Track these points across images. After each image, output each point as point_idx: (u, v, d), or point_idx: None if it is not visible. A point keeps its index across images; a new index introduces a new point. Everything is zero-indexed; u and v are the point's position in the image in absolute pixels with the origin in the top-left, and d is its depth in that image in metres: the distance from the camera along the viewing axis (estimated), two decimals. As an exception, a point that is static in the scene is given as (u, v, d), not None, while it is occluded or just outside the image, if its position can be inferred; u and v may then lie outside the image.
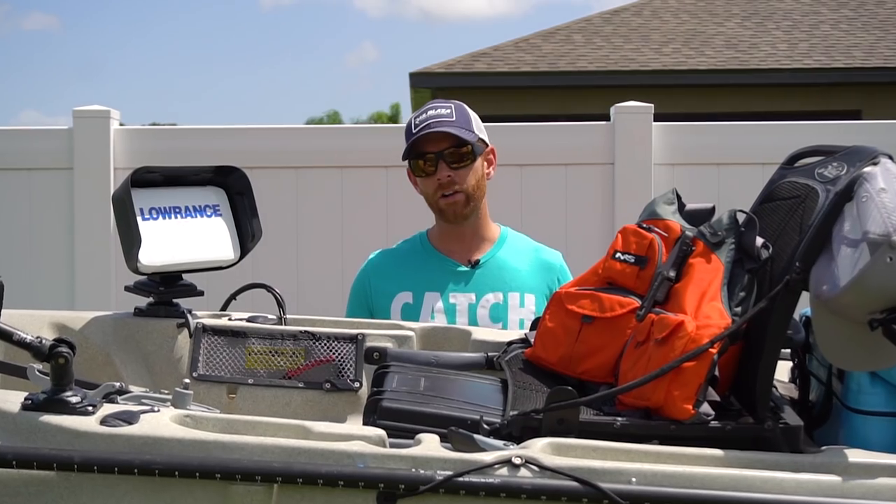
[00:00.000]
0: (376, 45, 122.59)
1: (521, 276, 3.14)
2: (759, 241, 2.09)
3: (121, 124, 5.23)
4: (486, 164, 3.15)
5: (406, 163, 3.14)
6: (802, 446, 1.90)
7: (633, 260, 2.29)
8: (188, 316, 2.57)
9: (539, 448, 1.83)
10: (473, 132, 3.08)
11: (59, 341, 1.91)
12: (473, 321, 3.04)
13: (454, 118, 3.06)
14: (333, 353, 2.54)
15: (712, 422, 1.94)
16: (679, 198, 2.37)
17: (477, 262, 3.14)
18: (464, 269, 3.14)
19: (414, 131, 3.06)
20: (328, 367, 2.53)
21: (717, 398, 1.99)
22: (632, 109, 5.16)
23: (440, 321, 3.00)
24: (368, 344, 2.56)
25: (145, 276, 2.60)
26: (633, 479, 1.77)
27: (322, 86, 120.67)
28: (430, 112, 3.08)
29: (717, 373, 1.95)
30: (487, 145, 3.16)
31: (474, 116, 3.13)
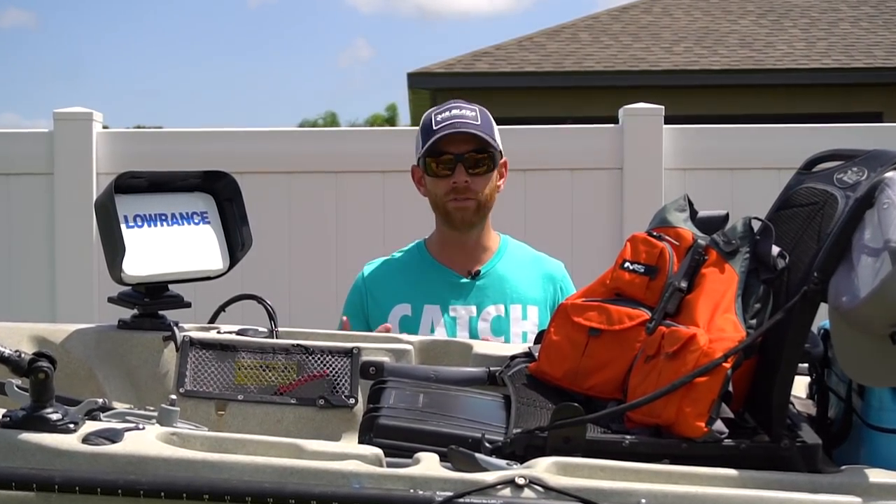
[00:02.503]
0: (370, 43, 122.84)
1: (522, 288, 3.15)
2: (776, 249, 2.10)
3: (104, 127, 5.24)
4: (498, 175, 3.16)
5: (418, 160, 3.15)
6: (821, 466, 1.90)
7: (642, 270, 2.29)
8: (175, 329, 2.57)
9: (544, 467, 1.83)
10: (495, 140, 3.09)
11: (38, 355, 1.92)
12: (474, 334, 3.05)
13: (479, 122, 3.07)
14: (327, 368, 2.54)
15: (726, 440, 1.94)
16: (691, 204, 2.38)
17: (477, 272, 3.15)
18: (464, 280, 3.14)
19: (435, 128, 3.06)
20: (322, 383, 2.53)
21: (731, 415, 1.99)
22: (641, 111, 5.16)
23: (440, 335, 3.00)
24: (364, 358, 2.56)
25: (129, 287, 2.60)
26: (643, 501, 1.77)
27: (315, 86, 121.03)
28: (455, 111, 3.08)
29: (730, 388, 1.95)
30: (502, 156, 3.17)
31: (495, 124, 3.14)
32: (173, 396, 2.11)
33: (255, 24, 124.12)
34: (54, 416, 1.88)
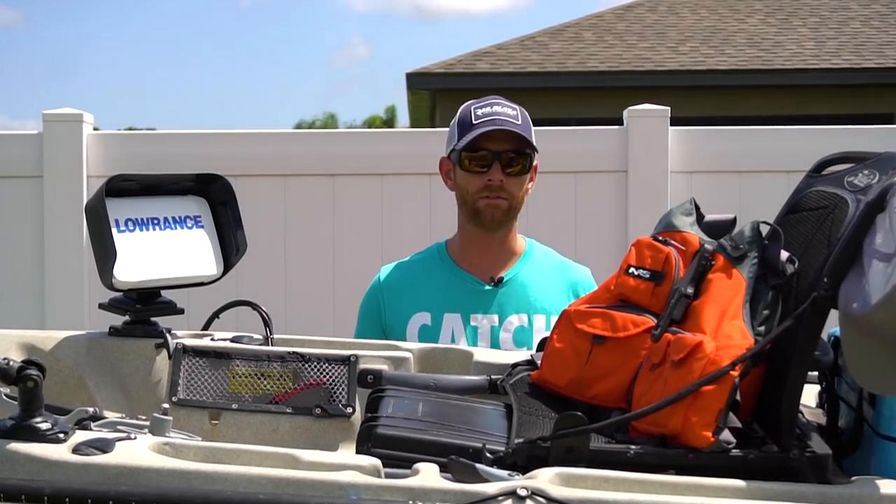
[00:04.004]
0: (366, 42, 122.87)
1: (547, 297, 3.12)
2: (784, 254, 2.10)
3: (94, 129, 5.24)
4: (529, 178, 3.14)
5: (451, 153, 3.12)
6: (831, 476, 1.90)
7: (647, 275, 2.29)
8: (167, 336, 2.57)
9: (546, 478, 1.83)
10: (533, 143, 3.08)
11: (27, 363, 1.92)
12: (496, 345, 3.03)
13: (520, 122, 3.06)
14: (324, 376, 2.54)
15: (733, 450, 1.94)
16: (698, 208, 2.38)
17: (500, 279, 3.12)
18: (486, 287, 3.11)
19: (475, 122, 3.04)
20: (319, 391, 2.53)
21: (739, 425, 1.99)
22: (646, 113, 5.17)
23: (461, 346, 2.98)
24: (362, 366, 2.55)
25: (121, 293, 2.60)
26: (648, 512, 1.77)
27: (310, 87, 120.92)
28: (497, 108, 3.07)
29: (738, 397, 1.95)
30: (535, 161, 3.16)
31: (532, 126, 3.13)
32: (166, 405, 2.11)
33: (246, 23, 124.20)
34: (44, 426, 1.88)
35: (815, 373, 2.27)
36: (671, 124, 5.13)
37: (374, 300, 3.19)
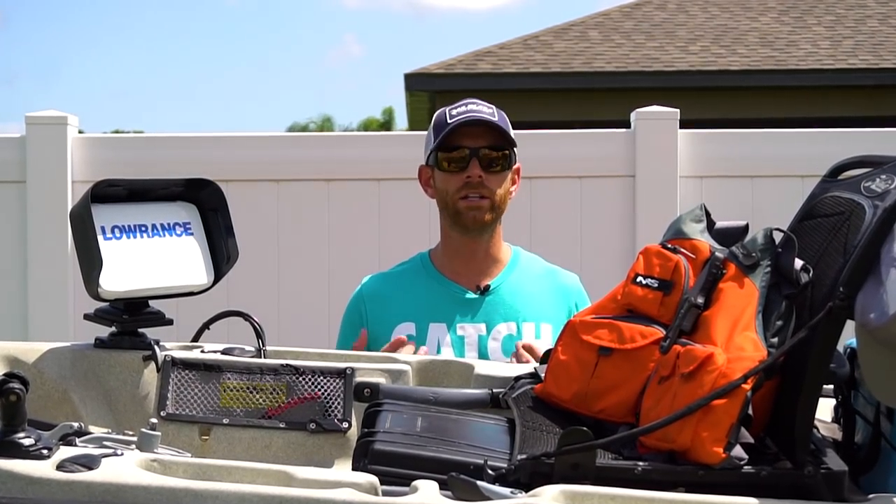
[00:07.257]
0: (360, 41, 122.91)
1: (536, 304, 3.14)
2: (798, 263, 2.10)
3: (80, 132, 5.25)
4: (511, 180, 3.16)
5: (428, 158, 3.15)
6: (847, 494, 1.90)
7: (656, 284, 2.30)
8: (156, 348, 2.57)
9: (551, 496, 1.83)
10: (513, 140, 3.11)
11: (9, 376, 1.91)
12: (484, 355, 3.04)
13: (496, 118, 3.09)
14: (319, 390, 2.54)
15: (745, 467, 1.94)
16: (708, 214, 2.38)
17: (487, 287, 3.14)
18: (472, 296, 3.14)
19: (450, 121, 3.07)
20: (313, 406, 2.53)
21: (751, 440, 1.99)
22: (655, 115, 5.17)
23: (447, 356, 2.99)
24: (358, 379, 2.56)
25: (107, 303, 2.60)
26: (657, 532, 1.78)
27: (303, 88, 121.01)
28: (472, 107, 3.11)
29: (750, 411, 1.95)
30: (517, 161, 3.18)
31: (511, 127, 3.15)
32: (154, 420, 2.11)
33: (235, 22, 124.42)
34: (27, 442, 1.88)
35: (831, 386, 2.27)
36: (680, 127, 5.14)
37: (356, 311, 3.21)
